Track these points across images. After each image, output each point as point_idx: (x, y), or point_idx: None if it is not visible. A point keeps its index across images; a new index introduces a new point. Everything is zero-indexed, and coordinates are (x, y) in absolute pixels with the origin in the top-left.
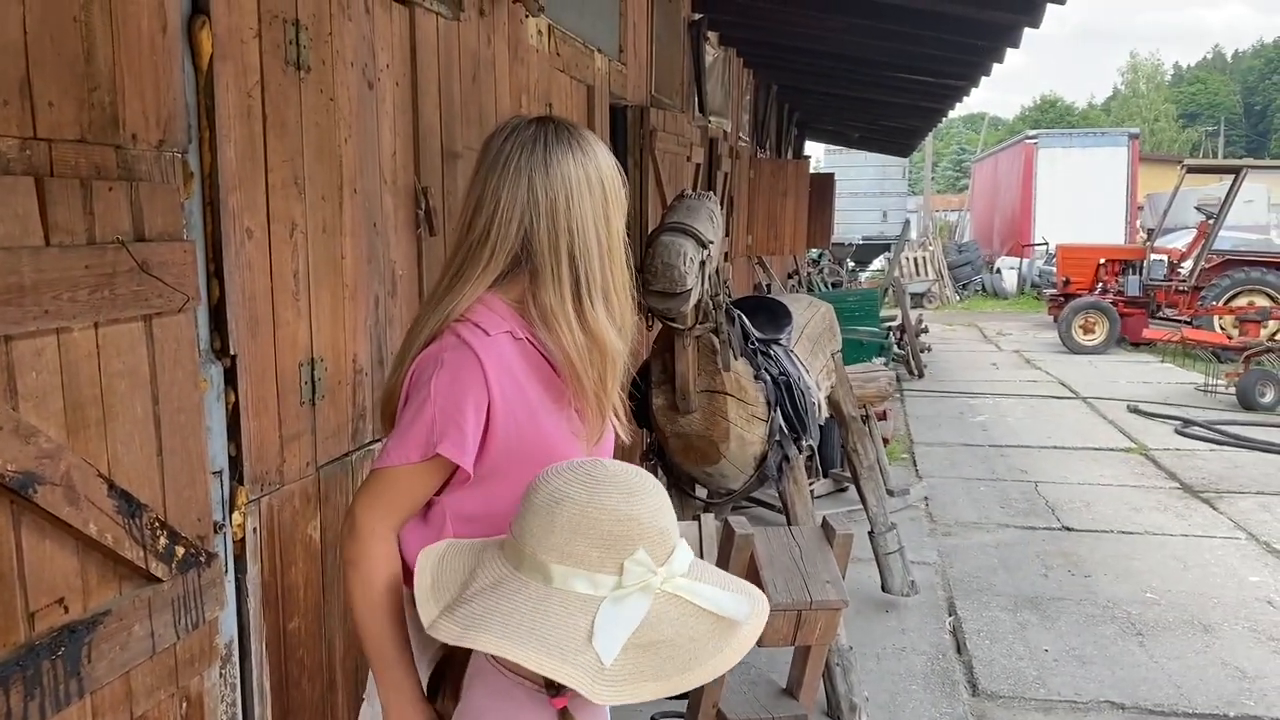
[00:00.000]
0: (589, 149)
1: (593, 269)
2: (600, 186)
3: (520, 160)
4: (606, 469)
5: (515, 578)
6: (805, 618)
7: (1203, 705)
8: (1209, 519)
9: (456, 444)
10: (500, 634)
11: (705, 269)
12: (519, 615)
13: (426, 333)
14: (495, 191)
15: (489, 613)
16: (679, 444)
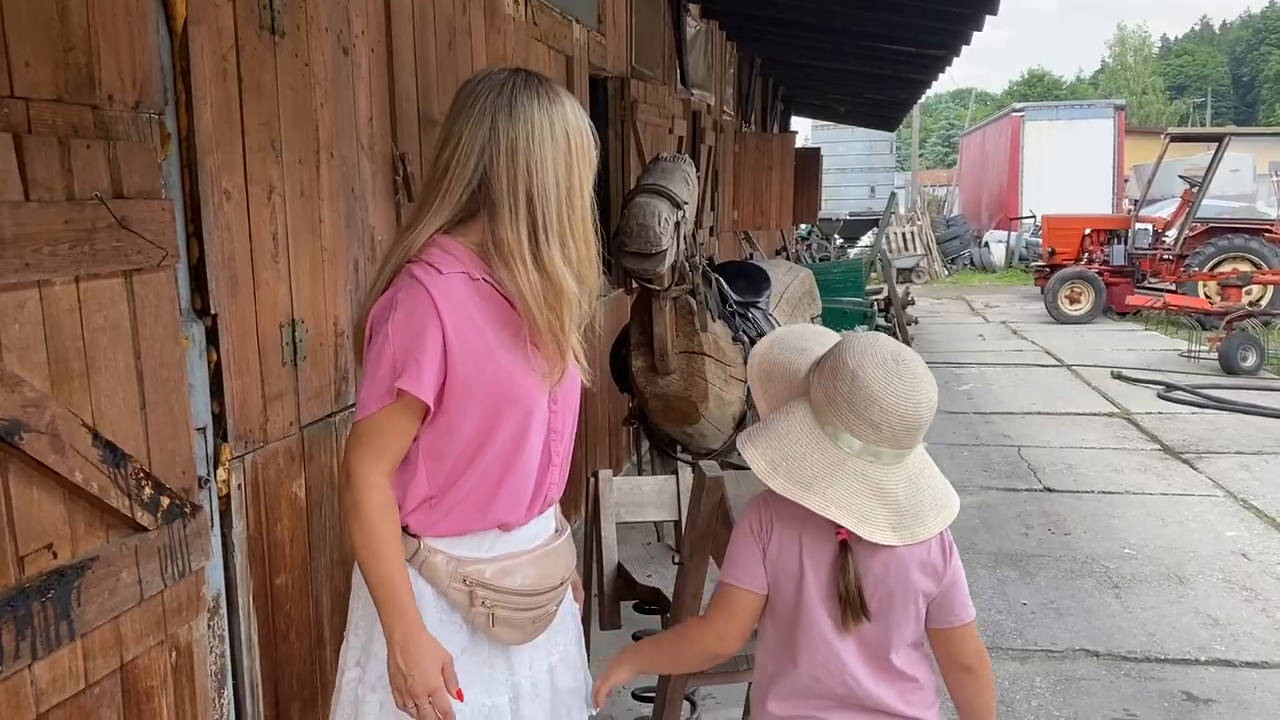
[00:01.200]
0: (556, 99)
1: (549, 212)
2: (565, 136)
3: (486, 101)
4: (906, 363)
5: (812, 426)
6: None
7: (1175, 651)
8: (1189, 478)
9: (414, 378)
10: (806, 488)
11: (680, 230)
12: (820, 469)
13: (391, 266)
14: (459, 129)
15: (776, 452)
16: (659, 405)
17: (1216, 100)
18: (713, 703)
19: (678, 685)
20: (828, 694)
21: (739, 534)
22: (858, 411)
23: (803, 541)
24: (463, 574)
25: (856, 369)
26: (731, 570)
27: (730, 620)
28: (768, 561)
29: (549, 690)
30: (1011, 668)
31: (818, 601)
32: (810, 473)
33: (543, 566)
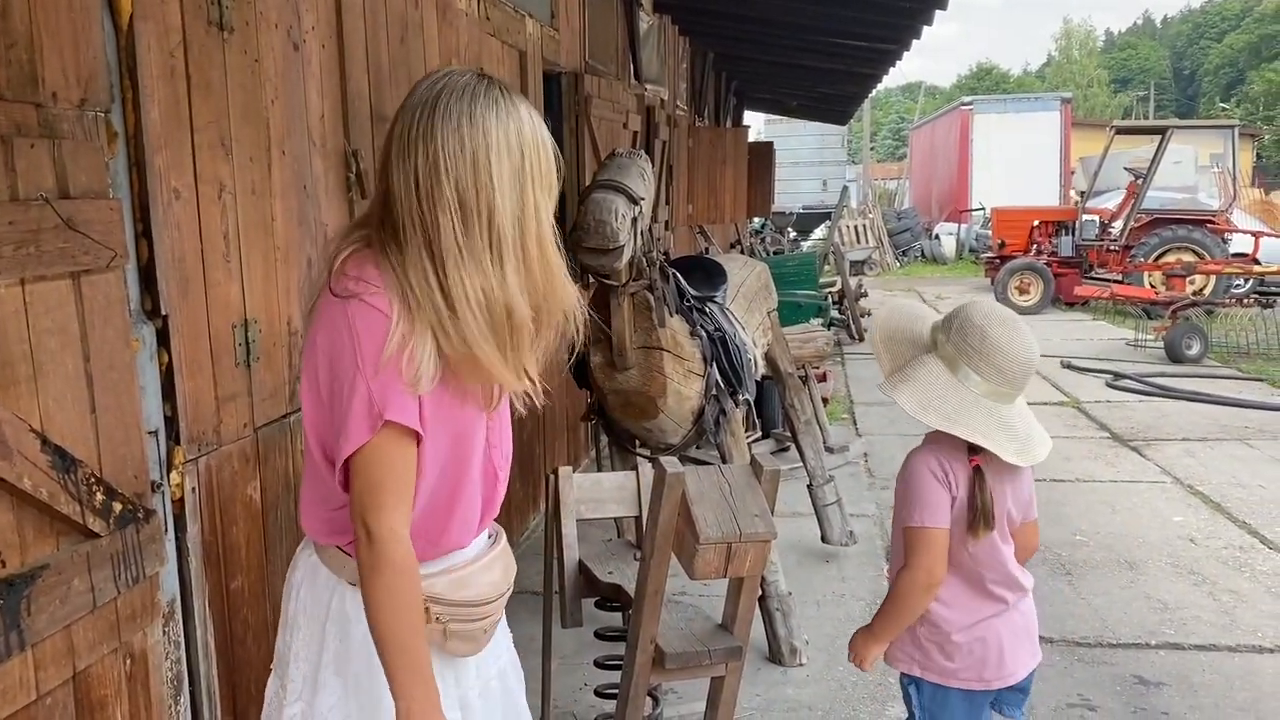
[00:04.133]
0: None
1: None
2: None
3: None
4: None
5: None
6: (735, 550)
7: (1126, 636)
8: (1137, 465)
9: (398, 407)
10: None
11: (638, 225)
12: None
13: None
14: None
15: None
16: (617, 400)
17: (1159, 93)
18: (674, 697)
19: (640, 681)
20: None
21: (925, 482)
22: (988, 359)
23: (959, 476)
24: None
25: (985, 326)
26: (925, 514)
27: (935, 557)
28: (955, 502)
29: (500, 695)
30: None
31: (959, 520)
32: (952, 409)
33: (491, 573)
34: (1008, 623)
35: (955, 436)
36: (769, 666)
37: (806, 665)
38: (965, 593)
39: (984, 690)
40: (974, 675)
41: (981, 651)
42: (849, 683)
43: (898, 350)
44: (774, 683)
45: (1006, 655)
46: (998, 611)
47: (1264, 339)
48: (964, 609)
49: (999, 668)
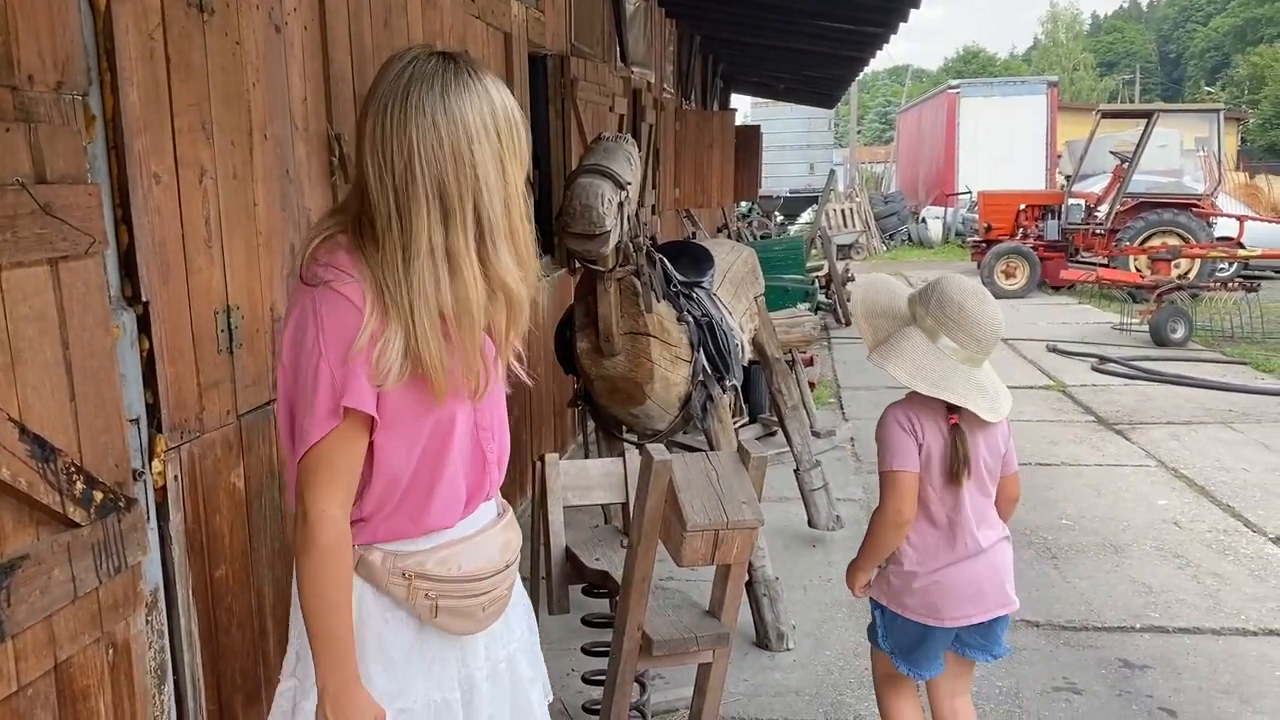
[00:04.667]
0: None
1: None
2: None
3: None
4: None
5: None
6: (722, 537)
7: (1111, 619)
8: (1122, 449)
9: (356, 394)
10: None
11: (624, 210)
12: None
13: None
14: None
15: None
16: (604, 386)
17: (1145, 77)
18: (662, 683)
19: (627, 668)
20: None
21: (894, 432)
22: (965, 329)
23: (927, 428)
24: (400, 568)
25: (961, 301)
26: (895, 459)
27: (902, 496)
28: (922, 449)
29: (509, 679)
30: None
31: (938, 473)
32: (938, 376)
33: (484, 550)
34: (968, 570)
35: (923, 394)
36: (756, 651)
37: (793, 650)
38: (933, 539)
39: (936, 625)
40: (927, 612)
41: (936, 593)
42: (836, 667)
43: (879, 324)
44: (761, 668)
45: (961, 599)
46: (959, 559)
47: (1247, 323)
48: (929, 553)
49: (952, 609)
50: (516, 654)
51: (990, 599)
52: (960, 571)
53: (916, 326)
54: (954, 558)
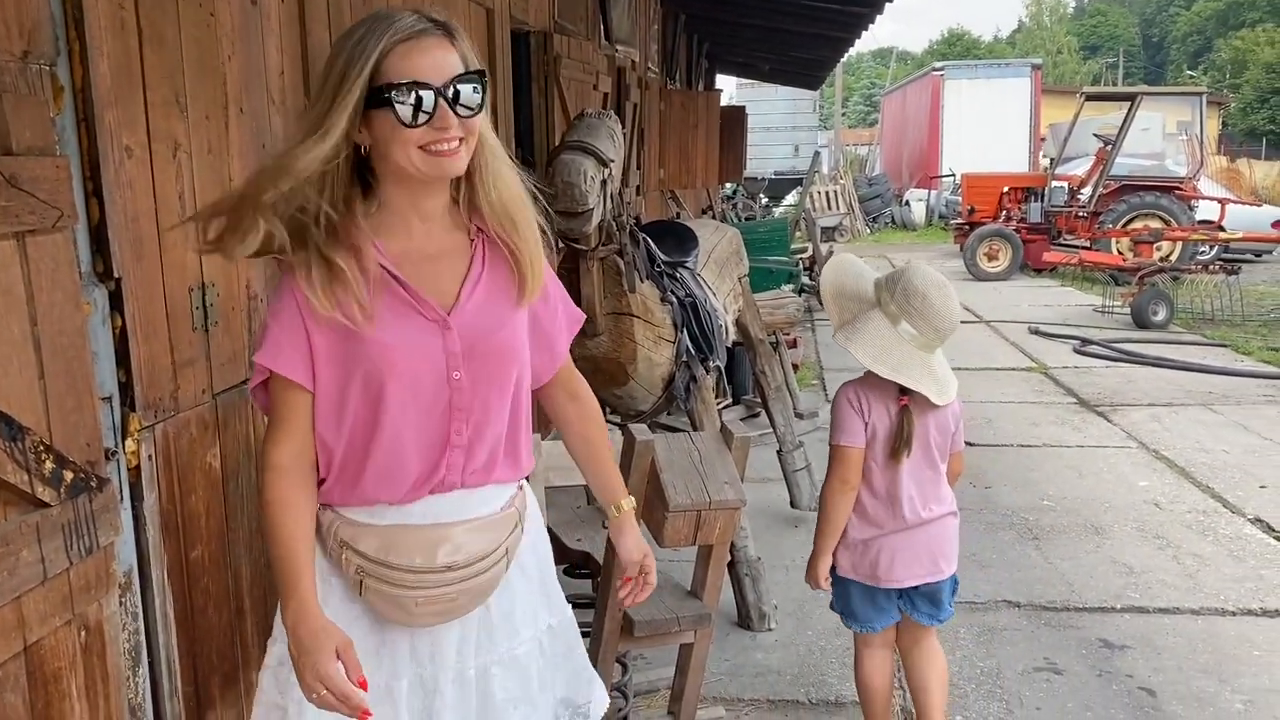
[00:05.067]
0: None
1: None
2: None
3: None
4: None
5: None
6: (705, 518)
7: (1092, 600)
8: (1104, 430)
9: (268, 351)
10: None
11: (607, 188)
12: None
13: None
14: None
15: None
16: (586, 367)
17: (1128, 61)
18: (643, 663)
19: (609, 648)
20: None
21: (844, 409)
22: (926, 319)
23: (874, 408)
24: (339, 535)
25: (926, 292)
26: (843, 435)
27: (850, 468)
28: (868, 427)
29: (476, 694)
30: None
31: (881, 450)
32: (897, 361)
33: (420, 545)
34: (907, 539)
35: (878, 375)
36: (738, 631)
37: (775, 630)
38: (873, 508)
39: (875, 586)
40: (866, 574)
41: (873, 557)
42: (818, 647)
43: (845, 305)
44: (743, 647)
45: (903, 564)
46: (899, 529)
47: (1227, 305)
48: (870, 521)
49: (891, 573)
50: (492, 667)
51: (923, 567)
52: (899, 539)
53: (880, 311)
54: (895, 526)
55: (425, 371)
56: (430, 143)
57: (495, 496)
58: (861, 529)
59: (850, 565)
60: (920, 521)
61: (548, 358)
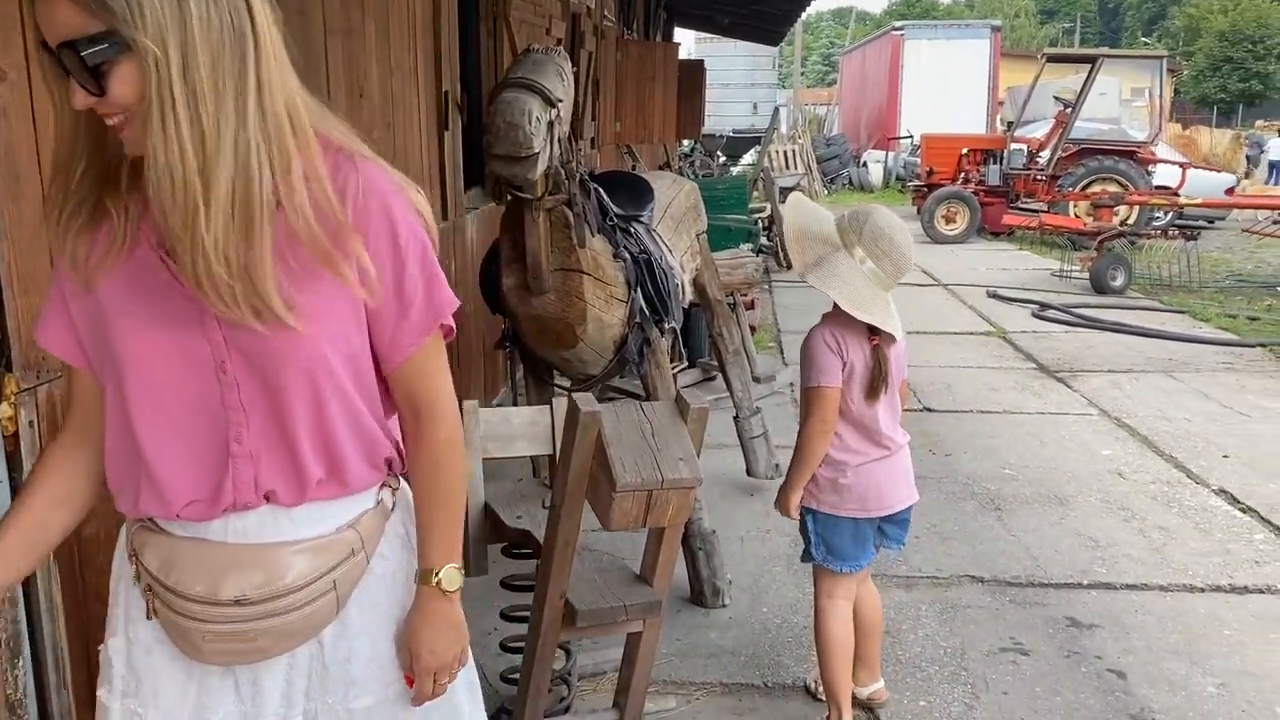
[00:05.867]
0: None
1: None
2: None
3: None
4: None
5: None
6: (656, 498)
7: (1058, 575)
8: (1064, 397)
9: (40, 326)
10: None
11: (555, 131)
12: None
13: None
14: None
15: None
16: (533, 327)
17: (1084, 26)
18: (590, 643)
19: (548, 639)
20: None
21: (820, 350)
22: (891, 258)
23: (851, 347)
24: (133, 542)
25: (891, 234)
26: (821, 376)
27: (829, 409)
28: (845, 366)
29: None
30: (897, 596)
31: (858, 387)
32: (865, 300)
33: (206, 567)
34: (888, 465)
35: (847, 315)
36: (690, 608)
37: (729, 606)
38: (856, 440)
39: (866, 518)
40: (858, 506)
41: (864, 487)
42: (774, 625)
43: (809, 246)
44: (695, 625)
45: (886, 491)
46: (881, 456)
47: (1183, 271)
48: (854, 453)
49: (879, 500)
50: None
51: (904, 490)
52: (881, 466)
53: (847, 253)
54: (877, 454)
55: (179, 360)
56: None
57: (321, 517)
58: (848, 458)
59: (837, 501)
60: (897, 447)
61: (383, 350)
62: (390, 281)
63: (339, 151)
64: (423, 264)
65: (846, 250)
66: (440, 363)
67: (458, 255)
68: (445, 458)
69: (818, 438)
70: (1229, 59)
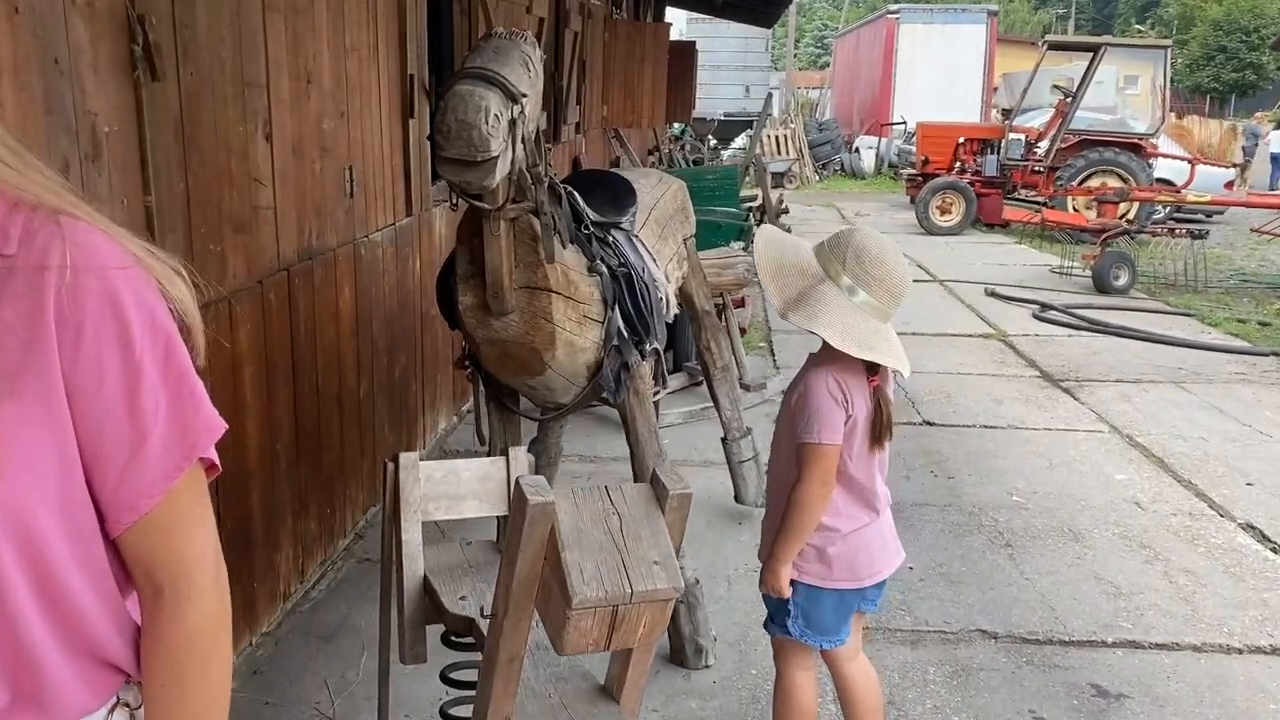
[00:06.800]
0: None
1: None
2: None
3: None
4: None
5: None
6: (624, 615)
7: (1079, 631)
8: (1071, 410)
9: None
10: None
11: (518, 130)
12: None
13: None
14: None
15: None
16: (493, 352)
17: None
18: None
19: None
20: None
21: (824, 402)
22: (883, 284)
23: (855, 397)
24: None
25: (880, 255)
26: (825, 431)
27: (831, 468)
28: (849, 420)
29: None
30: (902, 654)
31: (861, 438)
32: (863, 336)
33: None
34: (877, 529)
35: (846, 355)
36: (670, 669)
37: (714, 667)
38: (847, 503)
39: (854, 589)
40: (848, 577)
41: (853, 556)
42: (764, 692)
43: (787, 281)
44: (675, 691)
45: (877, 557)
46: (871, 520)
47: (1185, 270)
48: (846, 518)
49: (869, 568)
50: None
51: (892, 552)
52: (872, 530)
53: (832, 283)
54: (869, 519)
55: None
56: None
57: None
58: (838, 529)
59: (823, 572)
60: (884, 506)
61: (106, 503)
62: (114, 401)
63: (33, 211)
64: (166, 373)
65: (831, 280)
66: (197, 516)
67: (423, 254)
68: (196, 656)
69: (818, 502)
70: (1223, 48)
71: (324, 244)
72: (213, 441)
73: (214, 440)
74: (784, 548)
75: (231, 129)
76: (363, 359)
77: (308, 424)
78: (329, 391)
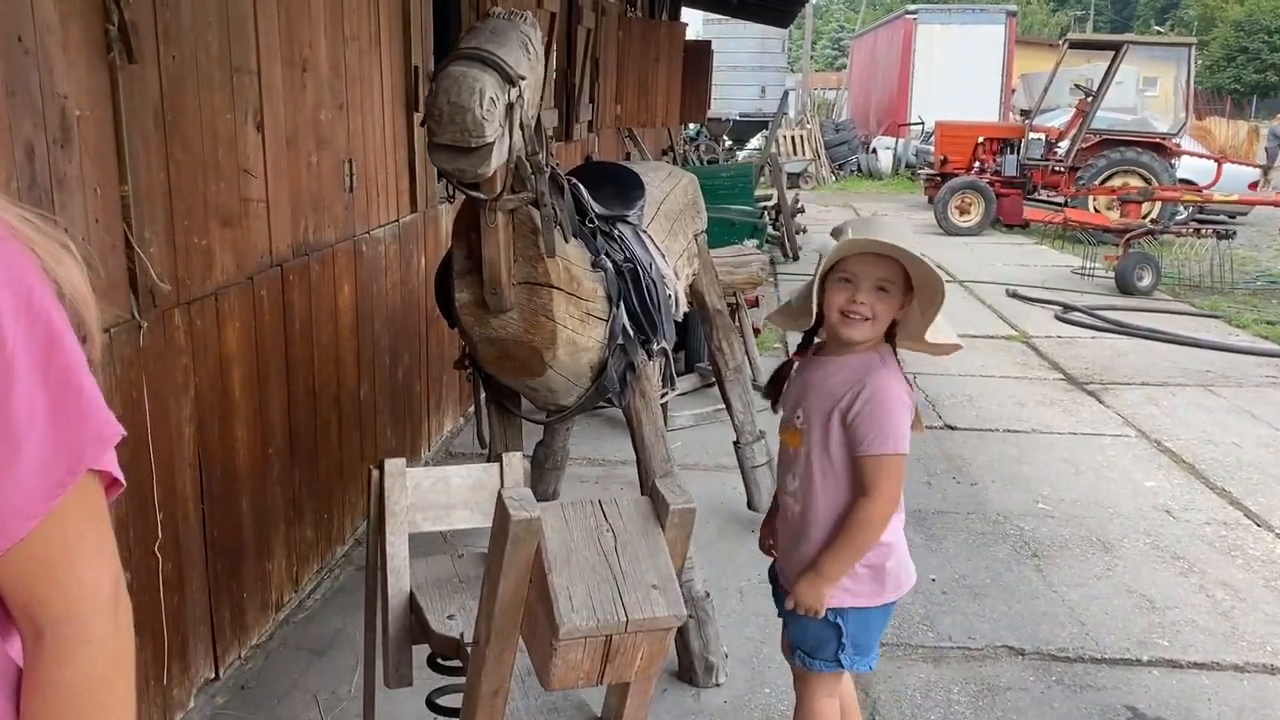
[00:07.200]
0: None
1: None
2: None
3: None
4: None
5: None
6: (618, 645)
7: (1112, 647)
8: (1097, 414)
9: None
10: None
11: (515, 115)
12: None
13: None
14: None
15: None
16: (491, 351)
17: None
18: None
19: None
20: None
21: (901, 408)
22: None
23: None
24: None
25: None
26: (902, 441)
27: (899, 484)
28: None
29: None
30: (923, 672)
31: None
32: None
33: None
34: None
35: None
36: (678, 688)
37: (725, 685)
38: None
39: (896, 599)
40: (894, 590)
41: (900, 568)
42: (778, 713)
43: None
44: (683, 711)
45: (910, 564)
46: (903, 523)
47: (1210, 271)
48: (893, 530)
49: (909, 577)
50: None
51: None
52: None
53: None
54: (901, 523)
55: None
56: None
57: None
58: (894, 543)
59: (876, 591)
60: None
61: None
62: None
63: None
64: (47, 369)
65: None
66: (90, 544)
67: (429, 251)
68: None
69: (884, 523)
70: (1244, 49)
71: (322, 240)
72: (106, 450)
73: (108, 448)
74: (839, 567)
75: (219, 117)
76: (363, 359)
77: (304, 426)
78: (327, 392)
